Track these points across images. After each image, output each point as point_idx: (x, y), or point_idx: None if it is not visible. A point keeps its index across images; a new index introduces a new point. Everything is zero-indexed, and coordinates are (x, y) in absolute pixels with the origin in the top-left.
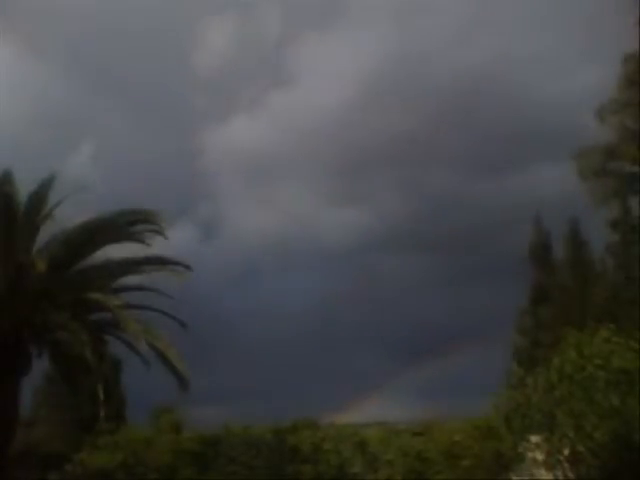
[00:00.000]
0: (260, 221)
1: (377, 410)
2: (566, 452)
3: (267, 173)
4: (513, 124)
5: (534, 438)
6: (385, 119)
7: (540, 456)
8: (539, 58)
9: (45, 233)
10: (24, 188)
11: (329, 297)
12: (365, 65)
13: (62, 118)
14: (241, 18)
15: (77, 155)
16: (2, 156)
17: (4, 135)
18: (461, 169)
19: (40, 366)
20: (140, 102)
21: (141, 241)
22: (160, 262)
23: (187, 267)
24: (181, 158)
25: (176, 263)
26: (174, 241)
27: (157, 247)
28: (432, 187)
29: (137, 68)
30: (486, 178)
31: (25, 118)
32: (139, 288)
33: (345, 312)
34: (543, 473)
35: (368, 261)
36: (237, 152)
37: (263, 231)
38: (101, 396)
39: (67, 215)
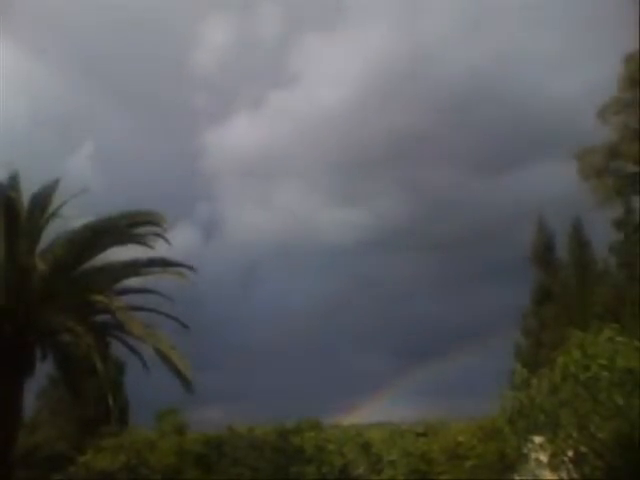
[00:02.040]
0: (260, 221)
1: (381, 411)
2: (570, 453)
3: (267, 173)
4: (514, 123)
5: (538, 439)
6: (385, 119)
7: (544, 457)
8: (540, 57)
9: (48, 235)
10: (24, 189)
11: (330, 297)
12: (365, 65)
13: (62, 119)
14: (242, 17)
15: (77, 156)
16: (2, 157)
17: (4, 135)
18: (462, 168)
19: (44, 368)
20: (140, 102)
21: (143, 243)
22: (163, 264)
23: (190, 268)
24: (181, 158)
25: (179, 265)
26: (174, 242)
27: (158, 248)
28: (432, 187)
29: (137, 68)
30: (487, 177)
31: (25, 118)
32: (141, 290)
33: (346, 312)
34: (547, 474)
35: (368, 261)
36: (237, 152)
37: (263, 231)
38: (110, 400)
39: (68, 217)
